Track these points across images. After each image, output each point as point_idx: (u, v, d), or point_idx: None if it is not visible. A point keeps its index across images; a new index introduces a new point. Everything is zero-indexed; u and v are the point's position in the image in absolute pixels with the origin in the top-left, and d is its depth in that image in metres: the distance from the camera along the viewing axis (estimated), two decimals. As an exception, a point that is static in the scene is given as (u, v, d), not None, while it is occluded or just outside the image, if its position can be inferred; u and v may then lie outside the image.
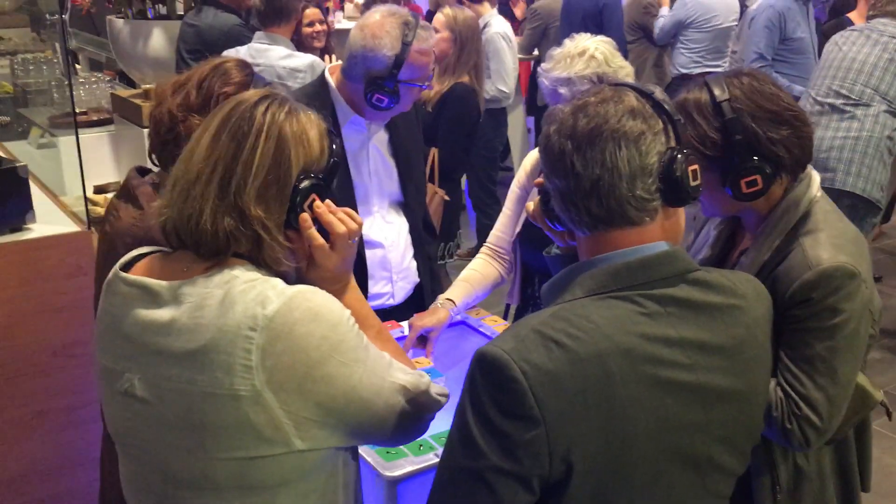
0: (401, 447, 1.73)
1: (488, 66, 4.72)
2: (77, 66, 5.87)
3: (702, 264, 1.71)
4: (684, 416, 1.18)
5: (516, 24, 7.09)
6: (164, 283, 1.21)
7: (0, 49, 5.45)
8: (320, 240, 1.28)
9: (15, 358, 2.35)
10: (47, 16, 6.26)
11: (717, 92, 1.54)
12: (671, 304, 1.19)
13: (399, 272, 2.43)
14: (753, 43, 4.63)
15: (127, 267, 1.29)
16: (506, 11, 7.19)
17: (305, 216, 1.26)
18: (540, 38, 6.30)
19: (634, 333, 1.15)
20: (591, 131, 1.18)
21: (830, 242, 1.52)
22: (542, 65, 2.08)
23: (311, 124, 1.27)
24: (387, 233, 2.38)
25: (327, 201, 1.29)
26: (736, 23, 5.45)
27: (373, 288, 2.36)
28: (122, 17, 4.33)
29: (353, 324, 1.23)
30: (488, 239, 2.40)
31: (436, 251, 2.72)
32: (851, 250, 1.52)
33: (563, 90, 2.00)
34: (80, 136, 2.79)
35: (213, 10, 3.88)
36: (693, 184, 1.22)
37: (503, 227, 2.37)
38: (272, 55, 3.48)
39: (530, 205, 1.47)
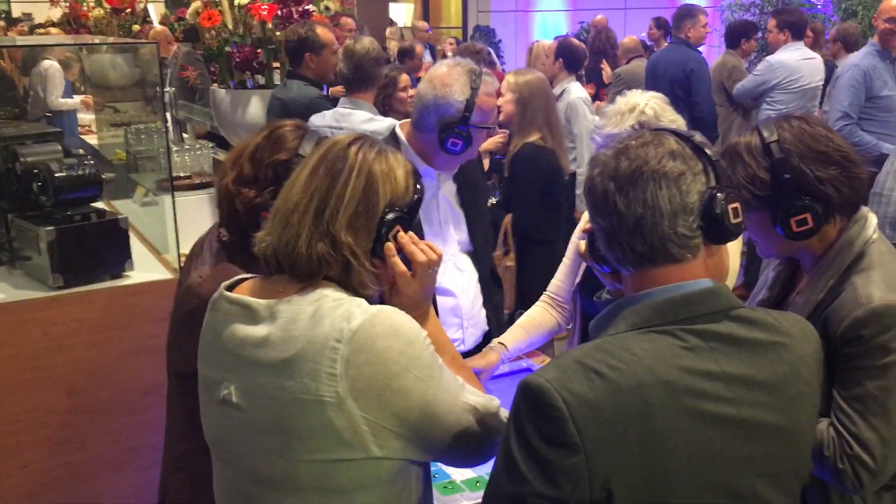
0: (457, 482, 1.78)
1: (570, 131, 4.81)
2: (185, 134, 6.24)
3: (760, 305, 1.74)
4: (727, 450, 1.19)
5: (603, 91, 7.20)
6: (262, 301, 1.35)
7: (116, 121, 5.89)
8: (402, 267, 1.40)
9: (109, 396, 2.52)
10: (157, 90, 6.73)
11: (766, 134, 1.58)
12: (713, 340, 1.21)
13: (469, 319, 2.50)
14: (838, 101, 4.59)
15: (231, 287, 1.43)
16: (593, 77, 7.32)
17: (390, 245, 1.38)
18: (620, 101, 6.40)
19: (675, 366, 1.17)
20: (633, 172, 1.23)
21: (883, 281, 1.52)
22: (596, 122, 2.14)
23: (398, 164, 1.41)
24: (458, 280, 2.46)
25: (410, 233, 1.41)
26: (821, 83, 5.40)
27: (443, 335, 2.43)
28: (225, 88, 4.62)
29: (429, 344, 1.33)
30: (548, 287, 2.45)
31: (502, 302, 2.77)
32: None
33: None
34: (184, 197, 2.99)
35: (297, 83, 4.12)
36: (734, 221, 1.25)
37: (563, 276, 2.42)
38: (355, 119, 3.66)
39: (582, 244, 1.52)
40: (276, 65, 4.62)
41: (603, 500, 1.14)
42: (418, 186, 1.43)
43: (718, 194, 1.24)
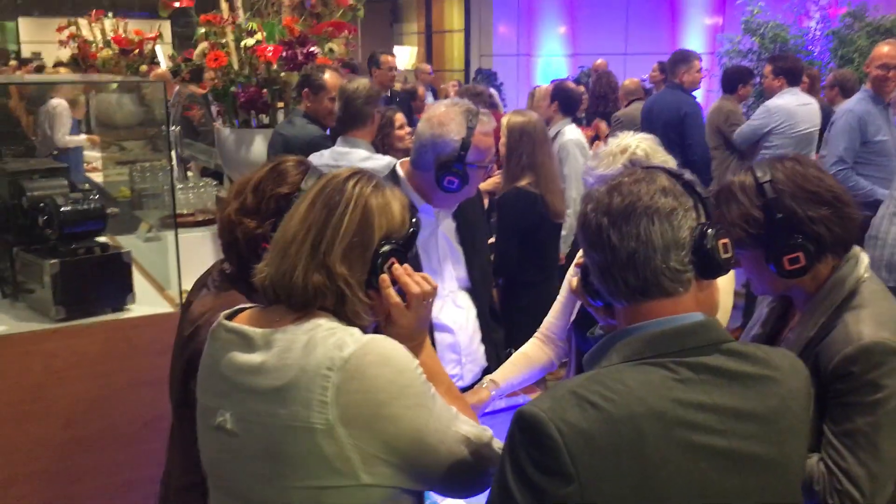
0: (453, 511, 1.79)
1: (562, 173, 4.86)
2: (189, 172, 6.31)
3: (753, 341, 1.76)
4: (720, 482, 1.21)
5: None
6: (258, 330, 1.37)
7: (122, 159, 5.97)
8: (397, 298, 1.44)
9: (108, 428, 2.53)
10: (162, 128, 6.82)
11: (759, 174, 1.62)
12: (704, 372, 1.23)
13: (468, 355, 2.52)
14: (833, 146, 4.65)
15: (231, 316, 1.46)
16: (593, 119, 7.42)
17: (385, 277, 1.41)
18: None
19: (667, 398, 1.19)
20: (626, 208, 1.27)
21: (873, 319, 1.55)
22: (588, 163, 2.18)
23: (394, 198, 1.45)
24: (456, 317, 2.49)
25: (405, 265, 1.44)
26: (818, 128, 5.47)
27: (441, 370, 2.45)
28: (229, 127, 4.69)
29: (421, 373, 1.35)
30: (542, 325, 2.47)
31: (502, 339, 2.79)
32: (894, 328, 1.54)
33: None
34: (188, 234, 3.04)
35: (302, 121, 4.20)
36: (724, 256, 1.28)
37: (556, 314, 2.45)
38: (353, 157, 3.72)
39: (574, 281, 1.55)
40: (280, 105, 4.70)
41: None
42: (414, 220, 1.47)
43: (709, 230, 1.27)
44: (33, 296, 2.56)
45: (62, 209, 2.46)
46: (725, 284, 2.21)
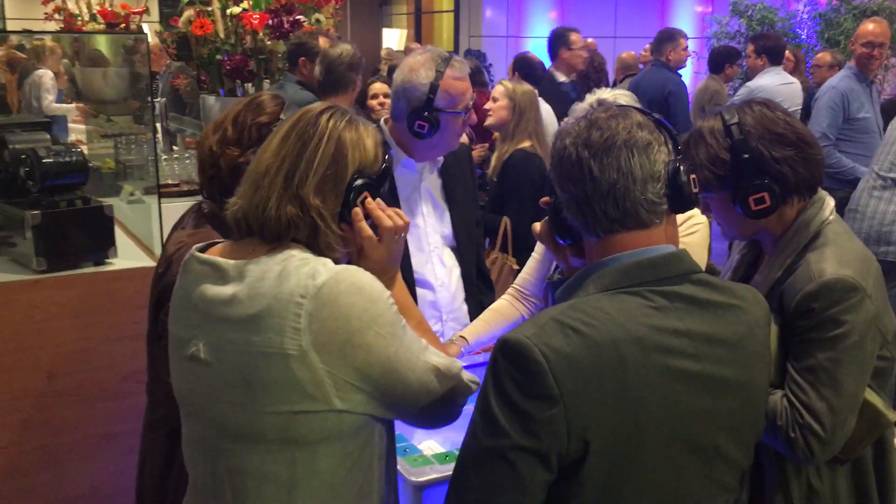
0: (427, 456, 1.82)
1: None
2: (174, 146, 6.31)
3: None
4: (693, 404, 1.26)
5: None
6: (230, 261, 1.39)
7: (108, 132, 5.96)
8: (369, 231, 1.46)
9: (88, 381, 2.54)
10: (149, 100, 6.81)
11: (727, 117, 1.66)
12: (677, 300, 1.28)
13: (449, 312, 2.54)
14: (817, 122, 4.69)
15: (203, 250, 1.47)
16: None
17: (358, 210, 1.43)
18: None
19: (645, 324, 1.24)
20: (606, 141, 1.31)
21: (835, 257, 1.58)
22: (565, 120, 2.21)
23: (367, 134, 1.46)
24: (438, 273, 2.50)
25: (378, 200, 1.46)
26: (800, 107, 5.52)
27: (423, 326, 2.47)
28: (214, 95, 4.68)
29: (392, 304, 1.38)
30: (516, 280, 2.49)
31: (490, 300, 2.80)
32: (857, 266, 1.58)
33: None
34: (172, 203, 3.06)
35: (293, 86, 4.20)
36: (695, 191, 1.34)
37: (531, 270, 2.47)
38: None
39: (537, 225, 1.55)
40: (265, 75, 4.70)
41: (580, 450, 1.20)
42: (387, 157, 1.49)
43: (681, 165, 1.32)
44: (15, 248, 2.56)
45: (44, 161, 2.47)
46: (700, 240, 2.25)
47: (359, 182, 1.42)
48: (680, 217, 2.17)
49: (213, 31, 4.69)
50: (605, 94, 2.18)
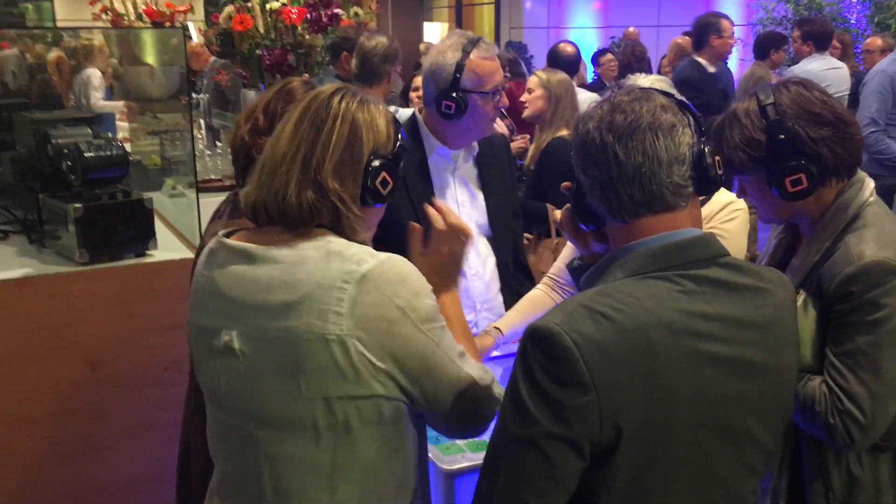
0: (460, 444, 1.82)
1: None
2: (218, 142, 6.40)
3: None
4: (723, 388, 1.25)
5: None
6: (261, 248, 1.38)
7: (155, 129, 6.08)
8: (442, 223, 1.49)
9: (130, 370, 2.58)
10: (193, 97, 6.92)
11: (762, 97, 1.62)
12: (706, 284, 1.27)
13: (483, 303, 2.53)
14: (865, 108, 4.58)
15: (227, 236, 1.47)
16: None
17: (433, 203, 1.47)
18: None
19: (674, 308, 1.23)
20: (630, 124, 1.29)
21: (875, 239, 1.54)
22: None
23: (379, 114, 1.45)
24: (472, 262, 2.48)
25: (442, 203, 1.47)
26: (847, 92, 5.38)
27: (456, 314, 2.45)
28: (255, 90, 4.73)
29: (434, 300, 1.39)
30: (550, 269, 2.47)
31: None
32: None
33: None
34: (214, 198, 3.09)
35: (331, 79, 4.23)
36: (720, 172, 1.33)
37: (565, 259, 2.43)
38: None
39: (557, 213, 1.53)
40: (304, 69, 4.74)
41: (612, 437, 1.19)
42: (400, 136, 1.48)
43: (706, 147, 1.30)
44: (59, 241, 2.61)
45: (85, 155, 2.51)
46: (740, 226, 2.20)
47: (376, 163, 1.41)
48: (719, 202, 2.16)
49: (253, 27, 4.75)
50: (641, 80, 2.15)
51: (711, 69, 5.22)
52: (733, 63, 6.09)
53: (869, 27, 8.23)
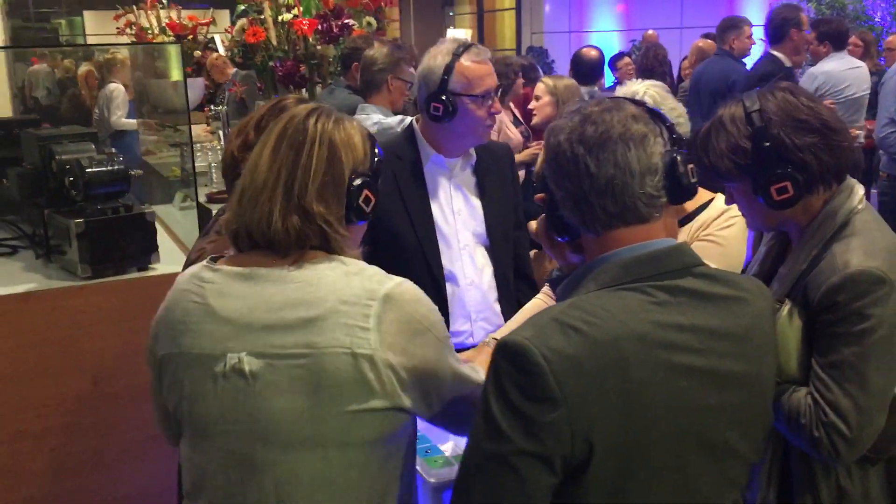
0: (448, 457, 1.80)
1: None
2: (236, 152, 6.47)
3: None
4: (699, 400, 1.23)
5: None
6: (264, 269, 1.38)
7: (175, 141, 6.15)
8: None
9: (134, 384, 2.60)
10: (212, 108, 7.00)
11: (748, 104, 1.59)
12: (680, 294, 1.25)
13: (478, 312, 2.50)
14: (884, 108, 4.50)
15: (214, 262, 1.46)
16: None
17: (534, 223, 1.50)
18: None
19: (647, 320, 1.21)
20: (601, 135, 1.28)
21: (862, 248, 1.51)
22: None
23: (355, 131, 1.46)
24: (468, 272, 2.47)
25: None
26: (867, 92, 5.28)
27: (452, 325, 2.44)
28: (267, 101, 4.76)
29: (442, 320, 1.46)
30: (547, 277, 2.44)
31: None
32: (884, 257, 1.50)
33: None
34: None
35: (343, 91, 4.23)
36: (693, 181, 1.31)
37: None
38: (367, 123, 3.75)
39: (533, 224, 1.51)
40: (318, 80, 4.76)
41: (584, 452, 1.17)
42: (375, 150, 1.49)
43: (678, 156, 1.29)
44: (64, 256, 2.64)
45: (87, 170, 2.54)
46: (738, 233, 2.17)
47: (357, 182, 1.42)
48: (717, 209, 2.13)
49: (266, 38, 4.79)
50: (636, 86, 2.12)
51: (788, 63, 5.09)
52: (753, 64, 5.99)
53: (894, 24, 8.10)
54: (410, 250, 2.39)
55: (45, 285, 2.55)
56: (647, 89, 2.09)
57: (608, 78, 7.97)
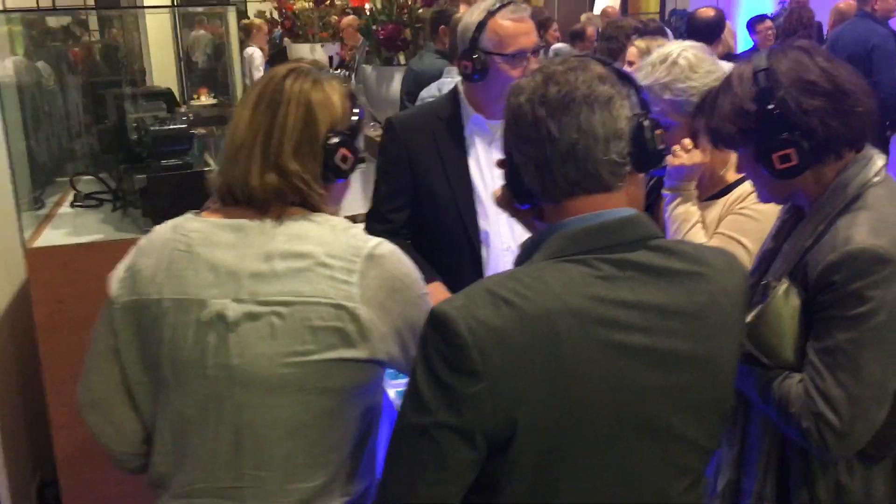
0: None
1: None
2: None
3: (762, 256, 1.60)
4: (640, 380, 1.16)
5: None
6: (246, 221, 1.42)
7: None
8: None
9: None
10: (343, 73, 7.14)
11: (757, 63, 1.45)
12: (630, 268, 1.18)
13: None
14: None
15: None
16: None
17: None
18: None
19: (587, 295, 1.15)
20: (565, 97, 1.20)
21: (869, 224, 1.35)
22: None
23: (334, 90, 1.46)
24: (504, 237, 2.38)
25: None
26: None
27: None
28: (372, 65, 4.81)
29: (422, 277, 1.49)
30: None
31: None
32: (893, 235, 1.33)
33: None
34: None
35: (430, 55, 4.22)
36: (660, 148, 1.22)
37: None
38: (448, 85, 3.70)
39: (497, 191, 1.43)
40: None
41: (507, 429, 1.13)
42: (356, 110, 1.48)
43: (645, 121, 1.21)
44: (134, 210, 2.78)
45: (151, 129, 2.65)
46: (773, 207, 1.98)
47: (334, 140, 1.42)
48: (749, 185, 1.94)
49: (371, 2, 4.82)
50: (671, 46, 1.98)
51: None
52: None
53: None
54: (446, 209, 2.35)
55: (112, 236, 2.69)
56: (682, 51, 1.95)
57: (746, 42, 7.53)
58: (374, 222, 2.40)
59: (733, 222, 1.91)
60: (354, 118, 1.47)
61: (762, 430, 1.52)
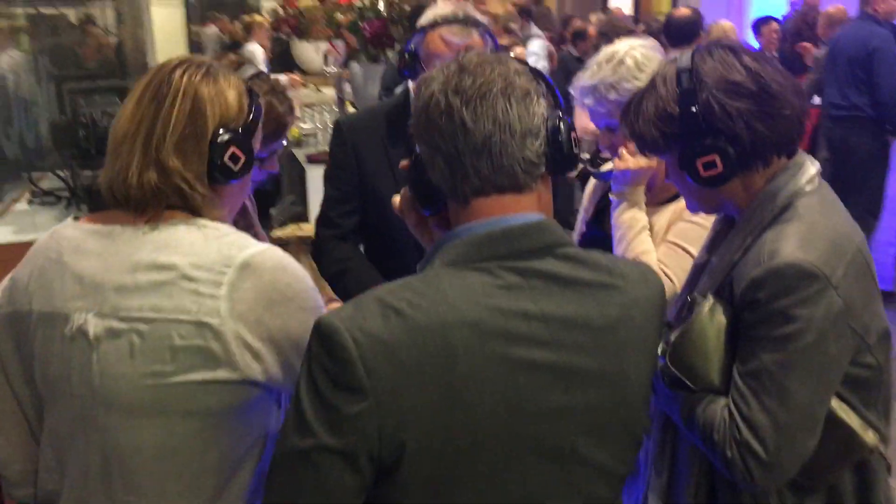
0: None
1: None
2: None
3: (694, 270, 1.50)
4: (540, 399, 1.07)
5: (802, 77, 6.53)
6: (118, 227, 1.31)
7: (312, 101, 6.30)
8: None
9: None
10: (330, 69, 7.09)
11: (681, 63, 1.34)
12: (534, 278, 1.08)
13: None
14: None
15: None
16: (791, 64, 6.66)
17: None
18: (819, 85, 5.68)
19: (486, 306, 1.05)
20: (481, 87, 1.11)
21: (797, 237, 1.24)
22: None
23: (229, 85, 1.35)
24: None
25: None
26: None
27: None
28: (357, 62, 4.73)
29: (314, 287, 1.34)
30: None
31: None
32: (823, 249, 1.23)
33: (587, 101, 1.83)
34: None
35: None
36: (574, 150, 1.15)
37: None
38: None
39: (396, 198, 1.34)
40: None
41: (395, 451, 1.03)
42: (254, 108, 1.37)
43: (560, 122, 1.13)
44: (86, 207, 2.71)
45: (99, 125, 2.58)
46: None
47: (224, 137, 1.31)
48: None
49: (358, -1, 4.74)
50: (620, 45, 1.87)
51: None
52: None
53: None
54: (393, 213, 2.25)
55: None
56: (628, 50, 1.83)
57: (752, 44, 7.37)
58: (324, 227, 2.31)
59: (681, 230, 1.80)
60: (251, 116, 1.36)
61: (690, 458, 1.41)
